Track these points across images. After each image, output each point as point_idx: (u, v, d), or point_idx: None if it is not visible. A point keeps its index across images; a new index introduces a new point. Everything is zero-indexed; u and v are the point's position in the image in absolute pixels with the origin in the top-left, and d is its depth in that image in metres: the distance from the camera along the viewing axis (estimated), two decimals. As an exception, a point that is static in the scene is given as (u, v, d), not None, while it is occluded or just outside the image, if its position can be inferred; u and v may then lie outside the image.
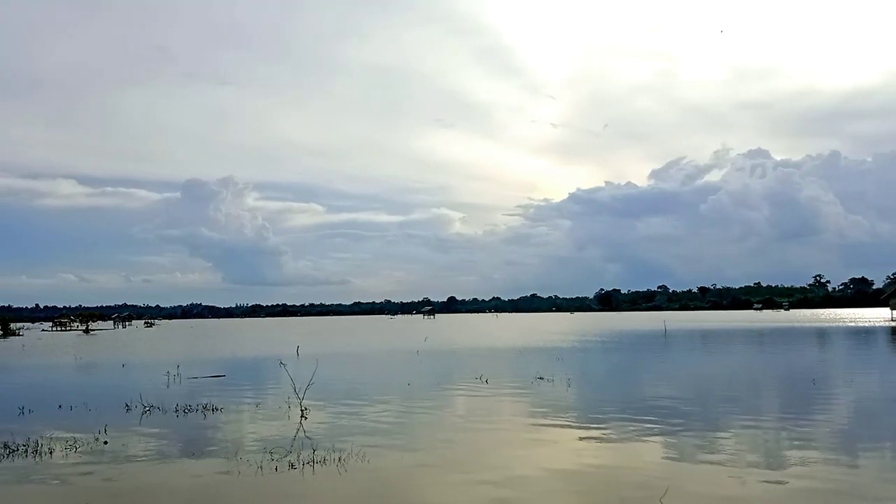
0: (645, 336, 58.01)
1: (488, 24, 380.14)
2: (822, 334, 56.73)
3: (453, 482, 9.83)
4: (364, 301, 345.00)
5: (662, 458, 11.05)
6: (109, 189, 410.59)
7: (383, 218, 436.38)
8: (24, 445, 12.62)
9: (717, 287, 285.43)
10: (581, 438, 12.78)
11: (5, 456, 11.98)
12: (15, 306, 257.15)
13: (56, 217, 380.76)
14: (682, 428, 13.57)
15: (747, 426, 13.68)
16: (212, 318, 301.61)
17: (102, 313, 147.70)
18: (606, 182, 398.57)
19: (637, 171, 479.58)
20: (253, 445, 12.62)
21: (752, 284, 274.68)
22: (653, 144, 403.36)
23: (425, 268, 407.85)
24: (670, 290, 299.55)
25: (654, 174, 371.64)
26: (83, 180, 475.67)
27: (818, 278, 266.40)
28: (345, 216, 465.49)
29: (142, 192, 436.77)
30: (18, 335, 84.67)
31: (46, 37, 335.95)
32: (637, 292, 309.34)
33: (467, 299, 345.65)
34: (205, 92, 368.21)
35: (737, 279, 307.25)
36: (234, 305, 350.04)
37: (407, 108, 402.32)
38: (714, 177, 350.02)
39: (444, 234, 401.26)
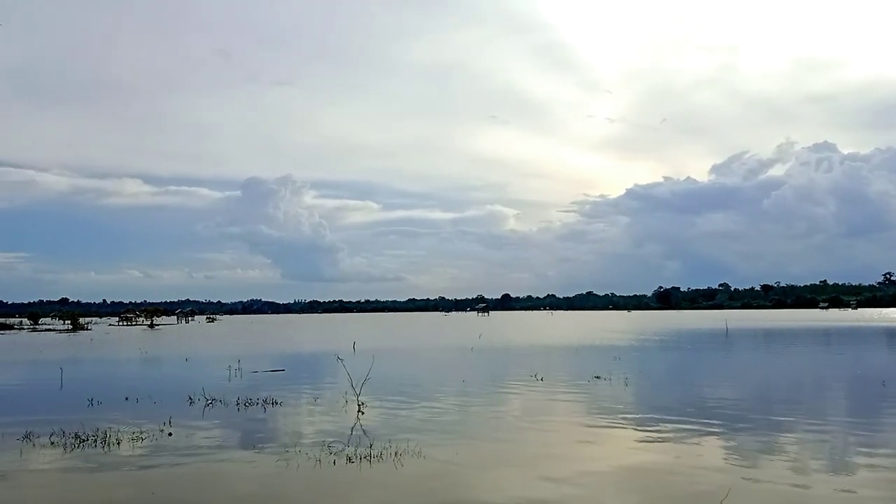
0: (705, 335, 56.72)
1: (543, 21, 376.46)
2: (893, 335, 54.52)
3: (509, 480, 9.78)
4: (418, 298, 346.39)
5: (723, 460, 10.77)
6: (173, 188, 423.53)
7: (438, 215, 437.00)
8: (93, 435, 13.11)
9: (781, 285, 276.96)
10: (639, 439, 12.56)
11: (76, 445, 12.47)
12: (84, 301, 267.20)
13: (122, 215, 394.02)
14: (743, 430, 13.21)
15: (813, 430, 13.21)
16: (271, 313, 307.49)
17: (166, 309, 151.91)
18: (665, 178, 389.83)
19: (697, 167, 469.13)
20: (311, 439, 12.82)
21: (817, 282, 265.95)
22: (713, 139, 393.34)
23: (479, 265, 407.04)
24: (732, 288, 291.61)
25: (715, 169, 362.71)
26: (148, 180, 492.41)
27: (888, 276, 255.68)
28: (400, 213, 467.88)
29: (204, 191, 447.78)
30: (87, 329, 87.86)
31: (113, 43, 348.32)
32: (697, 290, 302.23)
33: (521, 297, 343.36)
34: (264, 93, 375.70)
35: (802, 277, 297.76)
36: (292, 301, 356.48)
37: (462, 106, 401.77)
38: (777, 171, 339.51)
39: (498, 231, 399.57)
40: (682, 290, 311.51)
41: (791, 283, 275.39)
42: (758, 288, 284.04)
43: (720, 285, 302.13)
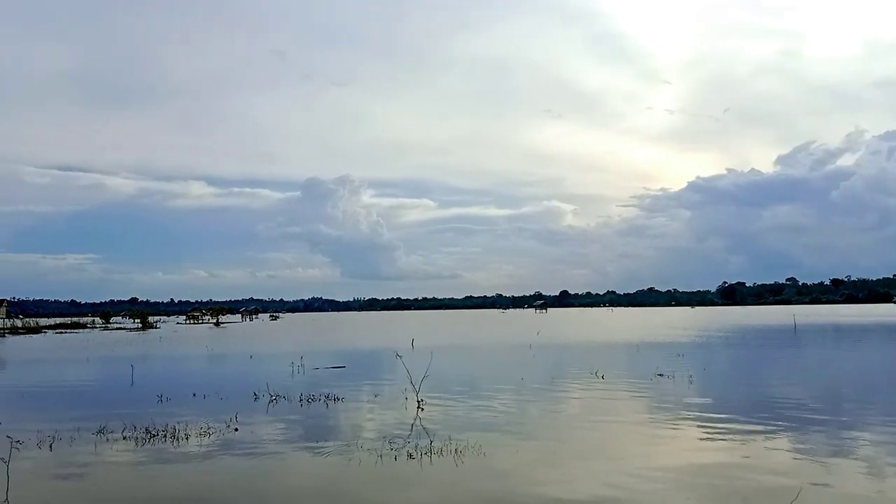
0: (772, 331, 54.92)
1: (598, 10, 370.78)
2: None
3: (569, 478, 9.68)
4: (475, 295, 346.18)
5: (792, 461, 10.40)
6: (236, 189, 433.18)
7: (493, 212, 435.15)
8: (163, 430, 13.53)
9: (852, 279, 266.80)
10: (704, 437, 12.26)
11: (147, 440, 12.89)
12: (152, 301, 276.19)
13: (187, 217, 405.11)
14: (813, 430, 12.73)
15: (888, 431, 12.61)
16: (331, 311, 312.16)
17: (231, 307, 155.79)
18: (728, 169, 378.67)
19: (761, 157, 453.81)
20: (372, 435, 12.96)
21: (890, 276, 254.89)
22: (778, 128, 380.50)
23: (536, 261, 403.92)
24: (800, 283, 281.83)
25: (781, 160, 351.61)
26: (212, 181, 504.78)
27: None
28: (455, 211, 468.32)
29: (265, 192, 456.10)
30: (156, 328, 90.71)
31: (177, 47, 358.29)
32: (763, 285, 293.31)
33: (580, 293, 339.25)
34: (321, 92, 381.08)
35: (874, 270, 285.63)
36: (352, 299, 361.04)
37: (516, 101, 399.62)
38: (847, 161, 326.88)
39: (555, 226, 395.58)
40: (747, 285, 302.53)
41: (862, 276, 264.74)
42: (827, 282, 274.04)
43: (787, 280, 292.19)
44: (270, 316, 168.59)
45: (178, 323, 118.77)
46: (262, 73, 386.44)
